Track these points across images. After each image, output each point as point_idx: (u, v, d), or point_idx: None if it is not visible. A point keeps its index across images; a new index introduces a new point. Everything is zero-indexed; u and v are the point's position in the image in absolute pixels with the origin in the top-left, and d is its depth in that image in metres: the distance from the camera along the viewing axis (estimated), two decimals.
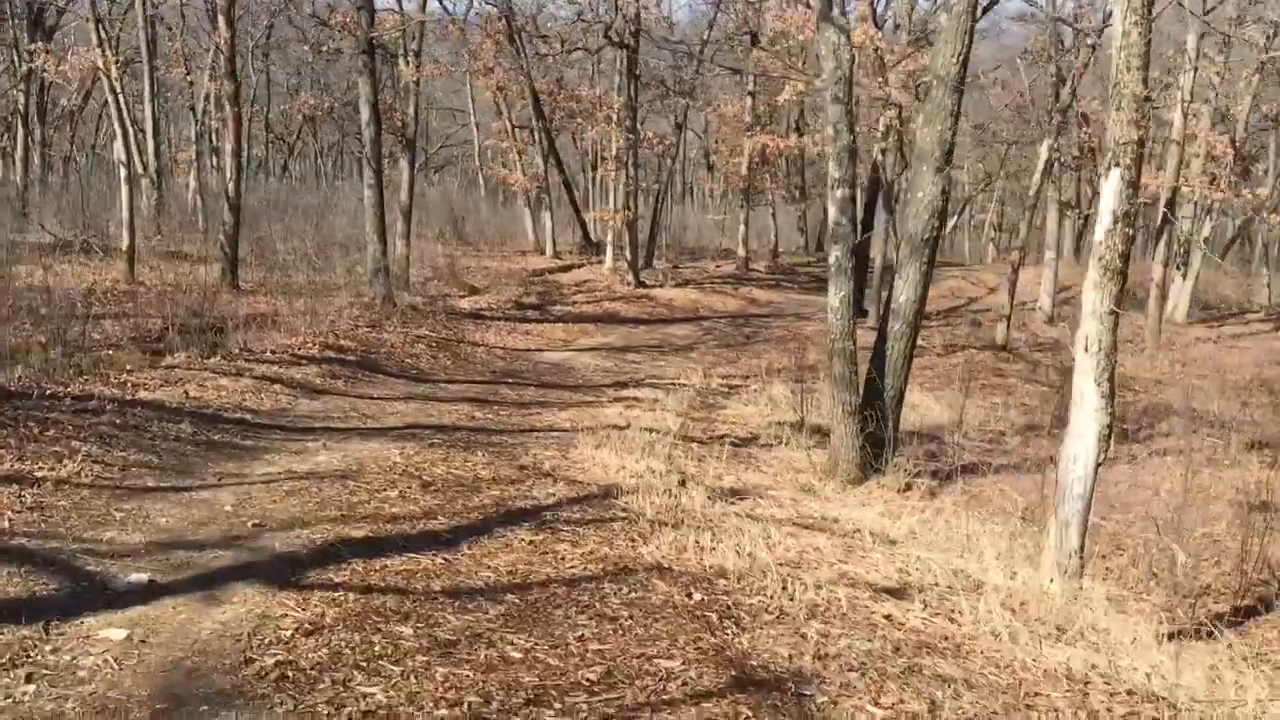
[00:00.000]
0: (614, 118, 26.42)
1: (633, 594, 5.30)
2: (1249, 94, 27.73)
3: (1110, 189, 6.19)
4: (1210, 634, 6.91)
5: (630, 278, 26.38)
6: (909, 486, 10.71)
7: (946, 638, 5.21)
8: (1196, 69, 24.33)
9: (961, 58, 10.88)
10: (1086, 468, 6.47)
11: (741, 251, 31.86)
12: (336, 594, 4.94)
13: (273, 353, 12.91)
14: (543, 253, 29.44)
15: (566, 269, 27.93)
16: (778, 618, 5.15)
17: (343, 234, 21.81)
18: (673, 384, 15.25)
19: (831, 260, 10.85)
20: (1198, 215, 28.00)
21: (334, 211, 24.98)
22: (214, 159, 31.99)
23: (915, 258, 10.98)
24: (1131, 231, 6.27)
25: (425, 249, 24.87)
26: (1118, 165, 6.16)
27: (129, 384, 9.79)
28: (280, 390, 11.10)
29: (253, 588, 4.95)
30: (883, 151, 21.82)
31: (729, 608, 5.21)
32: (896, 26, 24.48)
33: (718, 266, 31.88)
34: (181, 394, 9.78)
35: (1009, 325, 22.84)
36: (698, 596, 5.31)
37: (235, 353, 12.48)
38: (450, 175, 51.43)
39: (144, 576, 4.95)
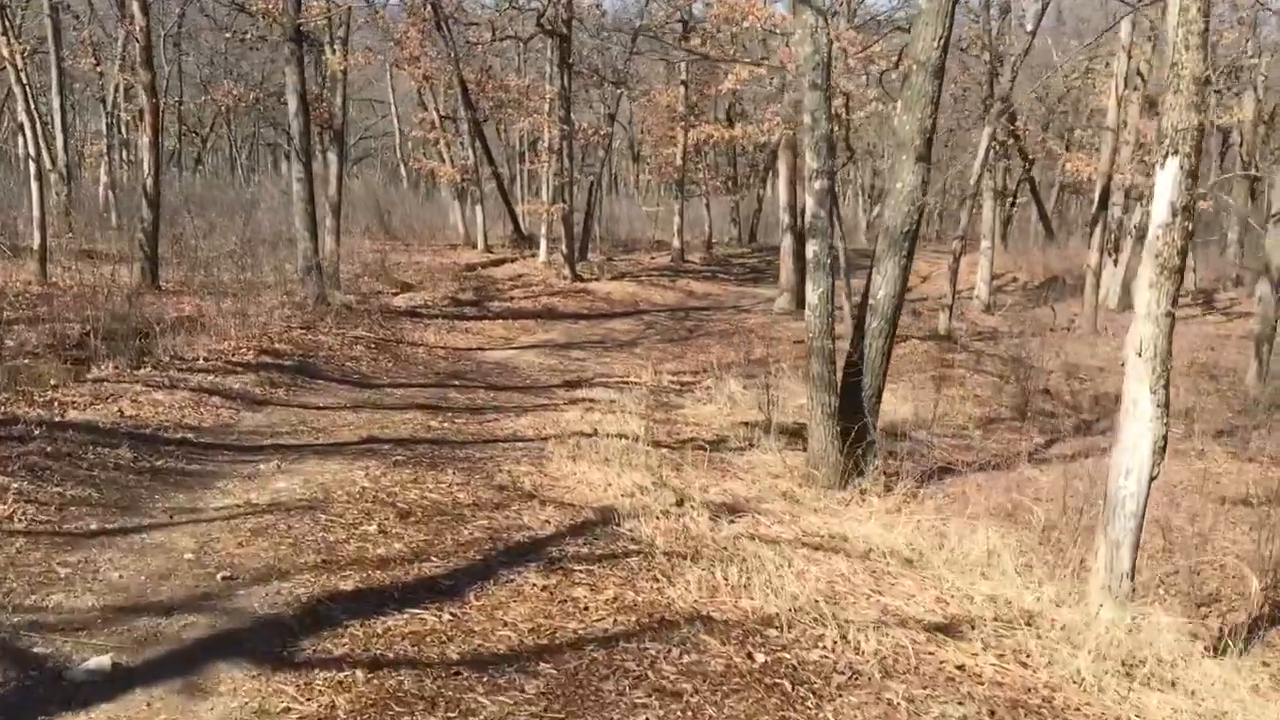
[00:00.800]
0: (548, 107, 25.64)
1: (685, 657, 4.57)
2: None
3: (1167, 179, 5.64)
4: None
5: (566, 271, 25.65)
6: (889, 490, 10.24)
7: (1030, 689, 4.61)
8: (1130, 57, 24.29)
9: (942, 41, 10.38)
10: (1140, 483, 5.93)
11: (676, 243, 31.21)
12: (342, 674, 4.12)
13: (205, 360, 12.00)
14: (474, 246, 28.55)
15: (499, 263, 27.09)
16: (851, 679, 4.49)
17: (268, 230, 20.76)
18: (623, 383, 14.71)
19: (809, 254, 10.26)
20: (1128, 202, 28.00)
21: (256, 206, 23.87)
22: (125, 153, 30.57)
23: (894, 251, 10.45)
24: (1191, 226, 5.72)
25: (353, 244, 23.86)
26: (1175, 153, 5.61)
27: (56, 403, 8.81)
28: (220, 403, 10.21)
29: (240, 670, 4.12)
30: None
31: (795, 669, 4.52)
32: (834, 13, 23.99)
33: (652, 259, 31.21)
34: (115, 412, 8.84)
35: (951, 315, 22.54)
36: (760, 658, 4.60)
37: (165, 361, 11.54)
38: (369, 168, 50.03)
39: (105, 660, 4.07)
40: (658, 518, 6.89)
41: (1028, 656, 5.02)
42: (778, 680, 4.40)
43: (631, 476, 8.41)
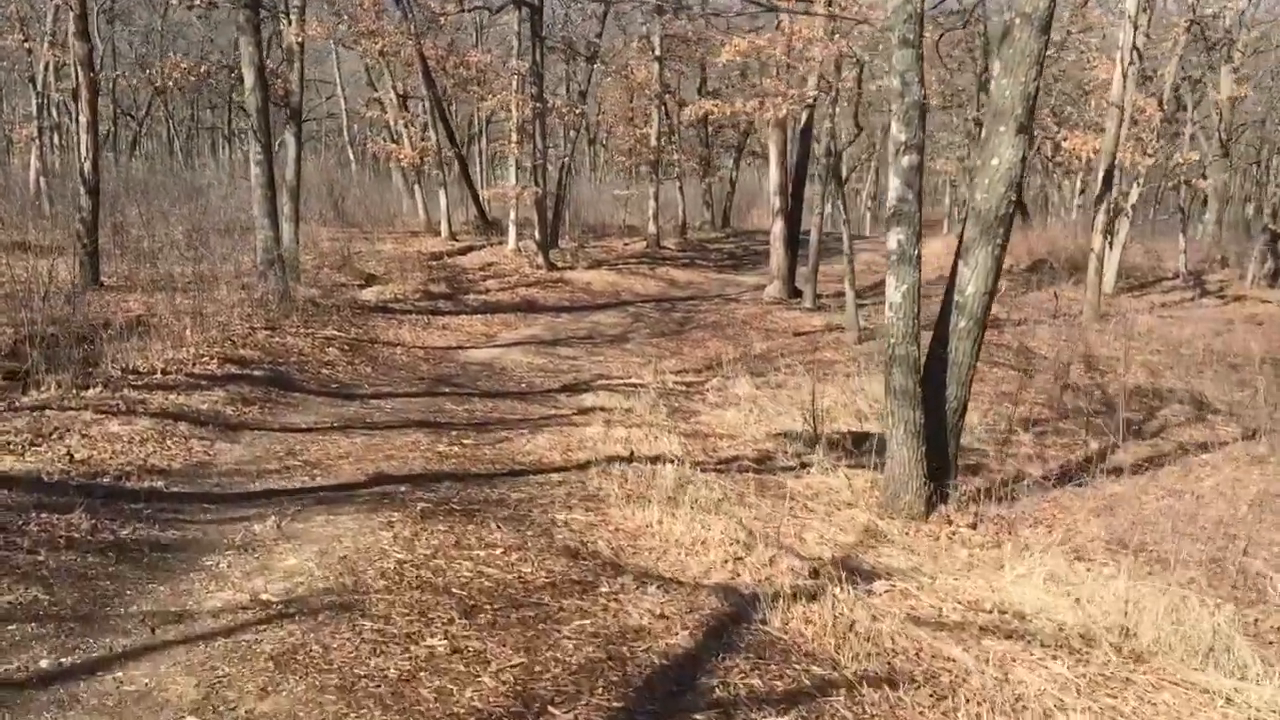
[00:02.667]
0: (517, 84, 23.79)
1: None
2: (1175, 55, 26.59)
3: None
4: None
5: (540, 260, 23.86)
6: (978, 519, 8.74)
7: None
8: (1136, 28, 22.95)
9: None
10: None
11: (651, 229, 29.45)
12: None
13: (163, 372, 10.16)
14: (436, 233, 26.60)
15: (466, 251, 25.22)
16: None
17: (217, 217, 18.79)
18: (626, 385, 13.29)
19: (893, 244, 8.56)
20: (1122, 181, 26.72)
21: (204, 193, 21.85)
22: (57, 137, 28.36)
23: (986, 239, 8.81)
24: None
25: (309, 232, 21.93)
26: None
27: None
28: (189, 431, 8.35)
29: None
30: (830, 118, 19.60)
31: None
32: None
33: (626, 245, 29.48)
34: (63, 456, 6.92)
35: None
36: None
37: (117, 376, 9.64)
38: (314, 152, 47.67)
39: None
40: (799, 602, 5.19)
41: None
42: None
43: (717, 526, 6.75)
